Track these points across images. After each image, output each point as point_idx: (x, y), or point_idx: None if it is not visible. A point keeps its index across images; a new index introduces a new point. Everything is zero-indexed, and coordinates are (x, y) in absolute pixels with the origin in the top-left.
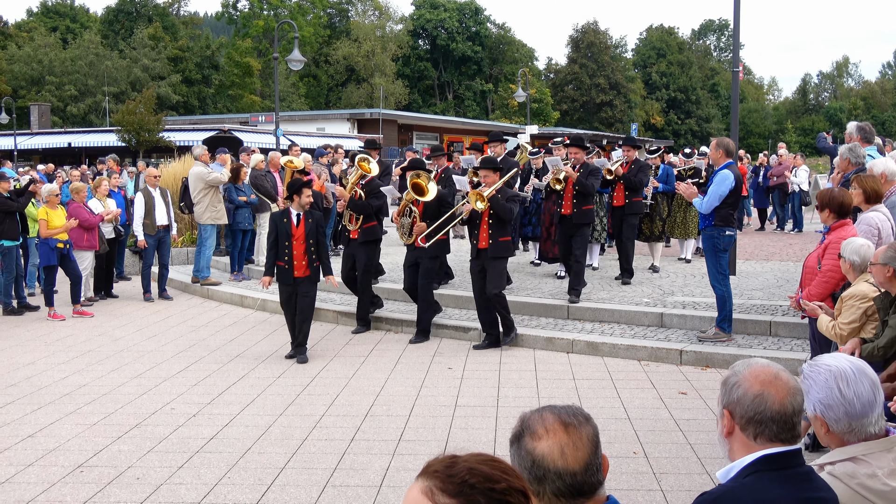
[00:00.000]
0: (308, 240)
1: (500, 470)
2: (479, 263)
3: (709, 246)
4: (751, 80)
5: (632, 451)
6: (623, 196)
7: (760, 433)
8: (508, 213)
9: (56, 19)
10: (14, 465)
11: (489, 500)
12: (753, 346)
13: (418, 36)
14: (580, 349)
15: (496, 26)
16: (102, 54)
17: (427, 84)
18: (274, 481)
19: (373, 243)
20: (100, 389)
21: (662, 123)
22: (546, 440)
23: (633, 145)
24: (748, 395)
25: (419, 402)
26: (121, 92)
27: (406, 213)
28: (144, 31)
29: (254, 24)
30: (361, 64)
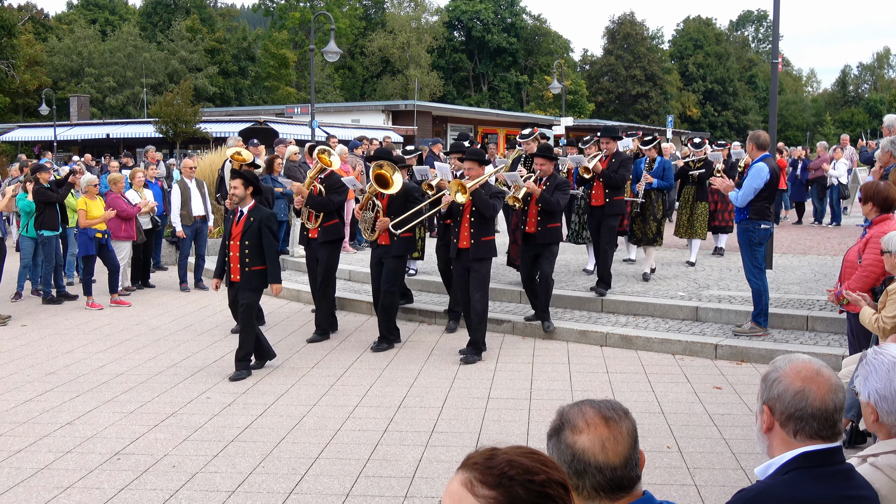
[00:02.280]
0: (244, 241)
1: (539, 462)
2: (462, 265)
3: (744, 240)
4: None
5: (665, 445)
6: (602, 195)
7: (801, 430)
8: (491, 209)
9: (95, 11)
10: (53, 452)
11: (528, 491)
12: (790, 341)
13: (454, 27)
14: (614, 342)
15: (532, 17)
16: (141, 46)
17: (462, 75)
18: (307, 471)
19: (335, 243)
20: (136, 378)
21: (699, 115)
22: (587, 434)
23: (612, 137)
24: (789, 392)
25: (452, 393)
26: (158, 83)
27: (369, 207)
28: (182, 23)
29: (290, 16)
30: (396, 55)
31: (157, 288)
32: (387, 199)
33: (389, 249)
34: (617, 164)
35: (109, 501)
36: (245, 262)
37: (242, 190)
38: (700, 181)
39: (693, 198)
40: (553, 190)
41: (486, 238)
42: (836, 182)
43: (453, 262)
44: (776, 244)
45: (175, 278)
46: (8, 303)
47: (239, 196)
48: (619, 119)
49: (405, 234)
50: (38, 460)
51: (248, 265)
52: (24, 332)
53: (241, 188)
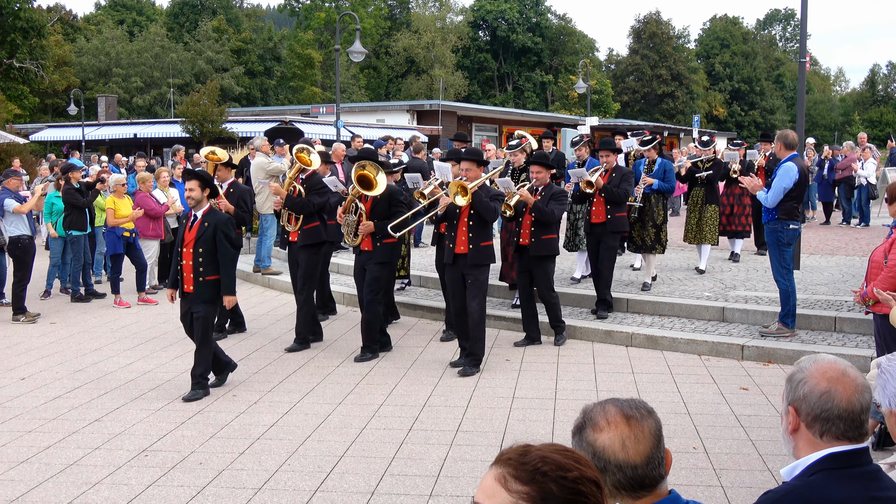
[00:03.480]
0: (197, 248)
1: (572, 459)
2: (458, 271)
3: (772, 240)
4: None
5: (691, 446)
6: (604, 211)
7: (827, 431)
8: (492, 212)
9: (123, 12)
10: (81, 448)
11: (561, 487)
12: (817, 342)
13: (478, 27)
14: (639, 343)
15: (557, 17)
16: (168, 46)
17: (487, 75)
18: (333, 469)
19: (315, 246)
20: (164, 375)
21: (725, 115)
22: (607, 432)
23: (612, 149)
24: (815, 392)
25: (477, 393)
26: (185, 84)
27: (352, 210)
28: (209, 24)
29: (315, 17)
30: (421, 55)
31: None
32: (370, 202)
33: (373, 255)
34: (618, 178)
35: (137, 497)
36: (199, 272)
37: (199, 192)
38: (709, 183)
39: (702, 201)
40: (548, 200)
41: (485, 243)
42: (865, 182)
43: (448, 268)
44: (804, 245)
45: None
46: (37, 301)
47: (195, 199)
48: (645, 119)
49: (388, 240)
50: (66, 456)
51: (202, 274)
52: (52, 330)
53: (196, 190)
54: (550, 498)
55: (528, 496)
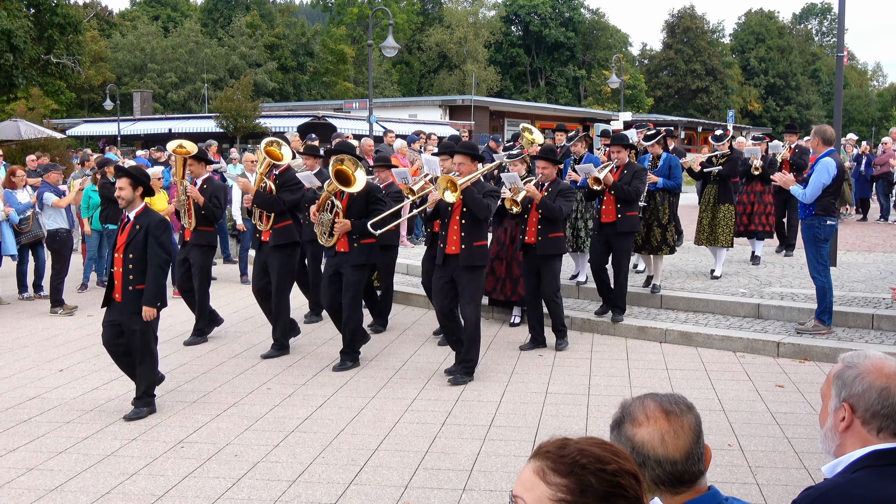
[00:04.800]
0: (127, 253)
1: (611, 452)
2: (447, 273)
3: (809, 236)
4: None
5: (727, 443)
6: (614, 210)
7: (885, 427)
8: (485, 209)
9: (158, 8)
10: (118, 440)
11: (600, 480)
12: (854, 340)
13: (511, 22)
14: (673, 339)
15: (590, 12)
16: (202, 42)
17: (519, 70)
18: (367, 462)
19: (289, 247)
20: (199, 368)
21: (760, 110)
22: (646, 427)
23: (624, 145)
24: (874, 389)
25: (510, 388)
26: (219, 79)
27: (327, 207)
28: (242, 20)
29: (348, 12)
30: (454, 50)
31: (219, 280)
32: (347, 199)
33: (349, 257)
34: (630, 175)
35: (174, 488)
36: (129, 279)
37: (130, 191)
38: (722, 180)
39: (715, 199)
40: (555, 196)
41: (479, 243)
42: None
43: (437, 269)
44: (840, 241)
45: (235, 271)
46: (75, 293)
47: (126, 198)
48: (679, 114)
49: (366, 240)
50: (104, 447)
51: (132, 283)
52: (89, 322)
53: (127, 189)
54: (589, 490)
55: (566, 489)
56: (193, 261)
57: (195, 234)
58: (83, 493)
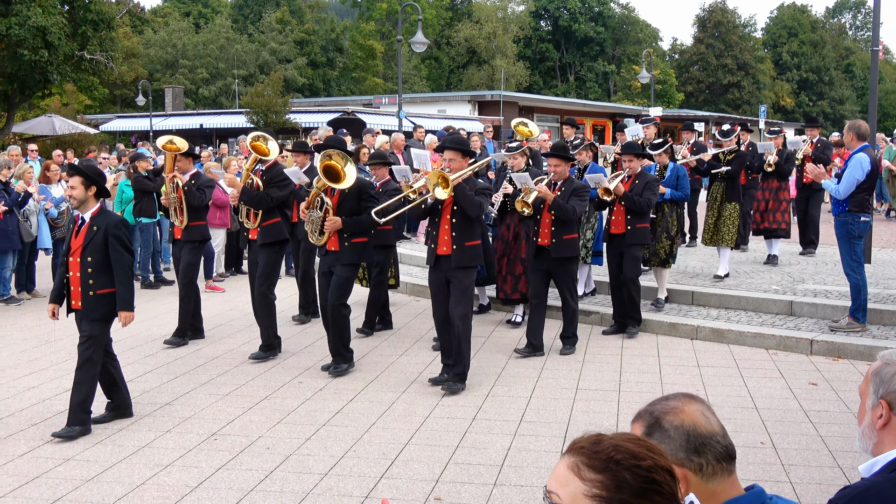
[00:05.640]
0: (85, 256)
1: (645, 448)
2: (441, 274)
3: (842, 232)
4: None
5: (759, 441)
6: (624, 221)
7: None
8: (476, 207)
9: (189, 5)
10: (153, 431)
11: (634, 476)
12: (890, 338)
13: (540, 17)
14: (705, 336)
15: (620, 6)
16: (232, 38)
17: (548, 65)
18: (398, 456)
19: (276, 245)
20: (232, 361)
21: (793, 105)
22: (686, 412)
23: (635, 153)
24: None
25: (540, 383)
26: (249, 75)
27: (316, 205)
28: (272, 15)
29: (377, 7)
30: (482, 46)
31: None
32: (338, 196)
33: (340, 256)
34: (641, 185)
35: (207, 480)
36: (88, 284)
37: (82, 191)
38: (730, 178)
39: (721, 197)
40: (569, 196)
41: (471, 243)
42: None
43: (431, 272)
44: (875, 238)
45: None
46: None
47: (78, 199)
48: (710, 109)
49: (358, 239)
50: (139, 438)
51: (92, 287)
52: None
53: (79, 188)
54: (624, 486)
55: (601, 484)
56: (183, 257)
57: (186, 230)
58: (118, 484)
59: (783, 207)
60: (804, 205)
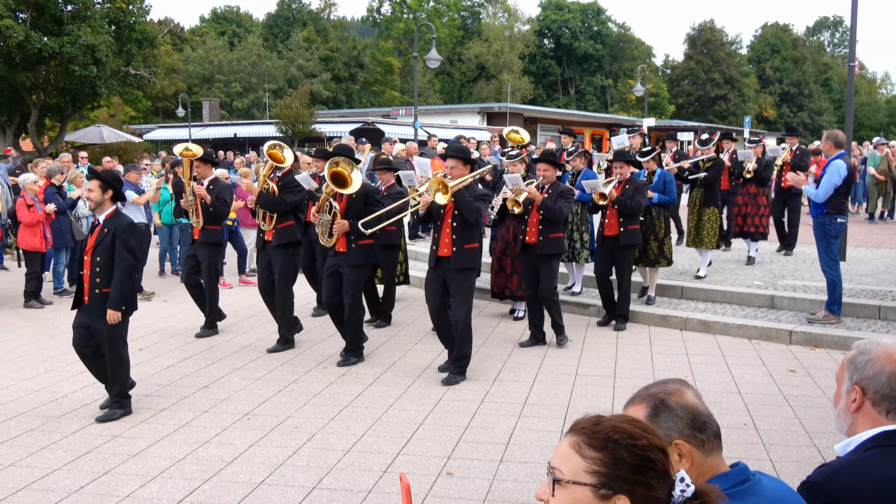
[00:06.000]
0: (95, 256)
1: (640, 428)
2: (439, 275)
3: (820, 233)
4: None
5: (742, 422)
6: (616, 224)
7: (893, 408)
8: (475, 212)
9: (224, 25)
10: (192, 411)
11: (631, 454)
12: (862, 329)
13: (543, 35)
14: (693, 327)
15: (617, 25)
16: (263, 55)
17: (551, 80)
18: (413, 434)
19: (291, 246)
20: (263, 349)
21: (775, 116)
22: (686, 394)
23: (626, 161)
24: (884, 373)
25: (542, 370)
26: (279, 88)
27: (325, 209)
28: (300, 35)
29: (395, 27)
30: (491, 62)
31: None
32: (345, 201)
33: (347, 258)
34: (632, 190)
35: (242, 455)
36: (95, 283)
37: (99, 193)
38: (708, 184)
39: (700, 202)
40: (556, 197)
41: (470, 246)
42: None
43: (430, 271)
44: (849, 238)
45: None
46: (154, 279)
47: (95, 201)
48: (699, 120)
49: (364, 241)
50: (180, 418)
51: (98, 286)
52: (165, 307)
53: (97, 191)
54: (622, 464)
55: (600, 461)
56: (202, 258)
57: (203, 232)
58: (161, 458)
59: (762, 212)
60: (781, 207)
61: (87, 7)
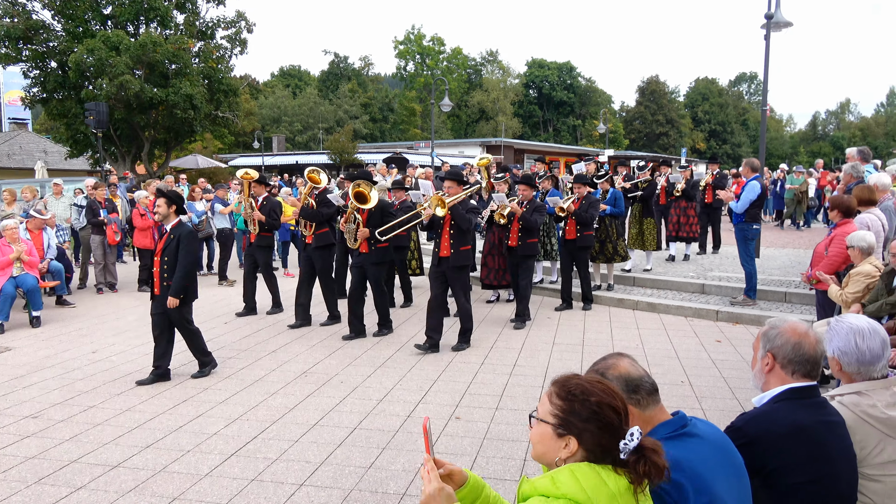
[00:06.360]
0: (163, 256)
1: (599, 388)
2: (440, 271)
3: (740, 236)
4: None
5: (679, 380)
6: (574, 230)
7: (797, 370)
8: (466, 222)
9: (289, 79)
10: (263, 370)
11: (582, 406)
12: (772, 310)
13: (529, 87)
14: (643, 308)
15: (584, 79)
16: (318, 102)
17: (535, 120)
18: (430, 388)
19: (326, 248)
20: (316, 322)
21: (705, 148)
22: (619, 365)
23: (583, 182)
24: (789, 343)
25: (528, 340)
26: (330, 127)
27: (351, 220)
28: (346, 86)
29: (417, 81)
30: (489, 107)
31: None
32: (366, 213)
33: (369, 257)
34: (587, 205)
35: (300, 404)
36: (164, 278)
37: (165, 209)
38: (644, 200)
39: (640, 214)
40: (532, 211)
41: (464, 248)
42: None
43: (433, 268)
44: (763, 240)
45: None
46: (236, 270)
47: (162, 214)
48: (647, 150)
49: (381, 244)
50: (254, 375)
51: (166, 280)
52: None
53: (163, 206)
54: (574, 412)
55: (560, 408)
56: (258, 259)
57: (258, 238)
58: (240, 405)
59: (692, 221)
60: (705, 219)
61: (187, 66)
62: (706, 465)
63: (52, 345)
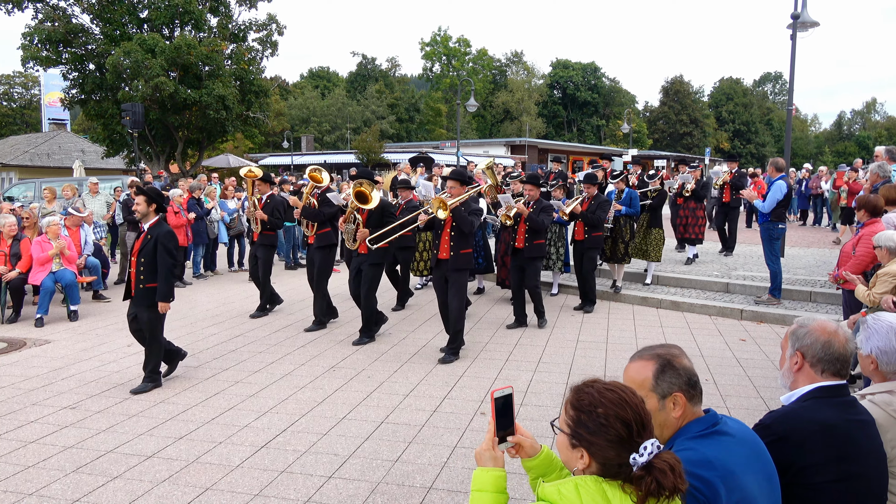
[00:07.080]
0: (140, 257)
1: (608, 399)
2: (441, 274)
3: (766, 235)
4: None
5: (704, 379)
6: (583, 231)
7: (826, 369)
8: (468, 224)
9: (317, 80)
10: (293, 364)
11: (589, 418)
12: (797, 309)
13: (554, 87)
14: (666, 306)
15: (608, 79)
16: (346, 103)
17: (559, 121)
18: (456, 384)
19: (327, 247)
20: (347, 316)
21: (729, 148)
22: (684, 358)
23: (593, 182)
24: (819, 341)
25: (552, 337)
26: (357, 127)
27: (351, 220)
28: (373, 87)
29: (443, 82)
30: (514, 107)
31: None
32: (366, 214)
33: (367, 258)
34: (595, 205)
35: (329, 398)
36: (140, 279)
37: (144, 206)
38: (653, 209)
39: (647, 224)
40: (539, 212)
41: (465, 251)
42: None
43: (434, 270)
44: (787, 239)
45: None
46: None
47: (141, 213)
48: (670, 150)
49: (380, 245)
50: (283, 369)
51: (142, 282)
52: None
53: (142, 205)
54: (582, 424)
55: (572, 419)
56: (260, 256)
57: (261, 236)
58: (270, 399)
59: (699, 222)
60: (723, 218)
61: (219, 68)
62: (737, 463)
63: (88, 338)
